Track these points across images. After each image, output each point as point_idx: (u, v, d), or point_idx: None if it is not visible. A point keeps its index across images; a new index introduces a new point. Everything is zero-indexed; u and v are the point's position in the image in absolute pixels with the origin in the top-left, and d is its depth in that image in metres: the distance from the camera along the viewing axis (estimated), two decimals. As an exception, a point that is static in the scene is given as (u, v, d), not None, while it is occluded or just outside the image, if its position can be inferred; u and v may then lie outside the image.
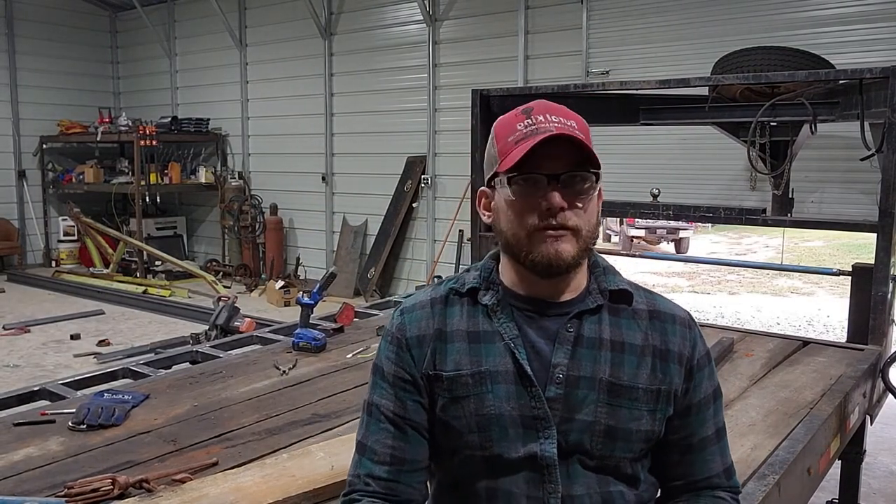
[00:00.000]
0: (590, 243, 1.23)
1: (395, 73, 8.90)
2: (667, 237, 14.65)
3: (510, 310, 1.25)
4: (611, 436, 1.21)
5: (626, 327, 1.26)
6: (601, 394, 1.21)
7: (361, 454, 1.27)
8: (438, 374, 1.24)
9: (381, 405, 1.27)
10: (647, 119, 4.75)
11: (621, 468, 1.24)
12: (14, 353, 6.66)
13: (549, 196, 1.17)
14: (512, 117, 1.24)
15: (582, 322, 1.24)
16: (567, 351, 1.22)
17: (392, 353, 1.28)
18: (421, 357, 1.25)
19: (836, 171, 5.89)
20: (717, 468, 1.30)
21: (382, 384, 1.28)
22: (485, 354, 1.23)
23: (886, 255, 3.27)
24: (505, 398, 1.21)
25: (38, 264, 11.41)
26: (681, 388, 1.26)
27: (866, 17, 5.83)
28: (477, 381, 1.22)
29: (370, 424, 1.28)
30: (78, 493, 1.79)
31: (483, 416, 1.21)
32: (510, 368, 1.21)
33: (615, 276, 1.30)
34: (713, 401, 1.31)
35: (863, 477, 3.44)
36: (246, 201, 10.26)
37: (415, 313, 1.30)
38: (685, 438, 1.29)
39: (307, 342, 3.23)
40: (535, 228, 1.18)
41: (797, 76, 3.57)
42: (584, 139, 1.18)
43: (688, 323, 1.31)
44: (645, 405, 1.22)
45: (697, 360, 1.28)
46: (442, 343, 1.26)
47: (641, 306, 1.28)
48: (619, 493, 1.24)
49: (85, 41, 11.93)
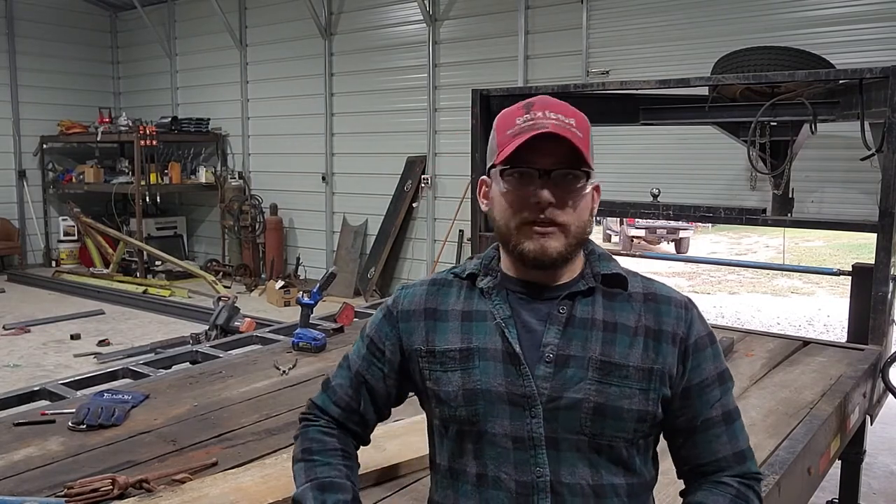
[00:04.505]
0: (580, 240, 1.25)
1: (395, 73, 8.90)
2: (667, 237, 14.66)
3: (505, 293, 1.29)
4: (600, 413, 1.21)
5: (619, 309, 1.27)
6: (591, 371, 1.22)
7: (324, 390, 1.43)
8: (431, 349, 1.30)
9: (352, 360, 1.41)
10: (647, 119, 4.75)
11: (615, 450, 1.23)
12: (14, 353, 6.66)
13: (538, 191, 1.20)
14: (513, 111, 1.27)
15: (574, 303, 1.26)
16: (558, 331, 1.24)
17: (377, 321, 1.39)
18: (411, 331, 1.33)
19: (836, 171, 5.89)
20: (725, 451, 1.29)
21: (360, 343, 1.42)
22: (475, 332, 1.27)
23: (886, 255, 3.27)
24: (492, 374, 1.24)
25: (39, 264, 11.41)
26: (676, 369, 1.26)
27: (866, 17, 5.83)
28: (465, 356, 1.27)
29: (340, 369, 1.43)
30: (78, 493, 1.79)
31: (469, 390, 1.25)
32: (499, 346, 1.25)
33: (609, 262, 1.32)
34: (719, 384, 1.30)
35: (863, 477, 3.45)
36: (246, 201, 10.26)
37: (412, 289, 1.38)
38: (689, 421, 1.29)
39: (307, 342, 3.23)
40: (524, 222, 1.22)
41: (797, 76, 3.57)
42: (580, 138, 1.21)
43: (684, 304, 1.30)
44: (637, 383, 1.22)
45: (695, 340, 1.28)
46: (435, 321, 1.32)
47: (637, 290, 1.30)
48: (610, 487, 1.23)
49: (85, 41, 11.93)
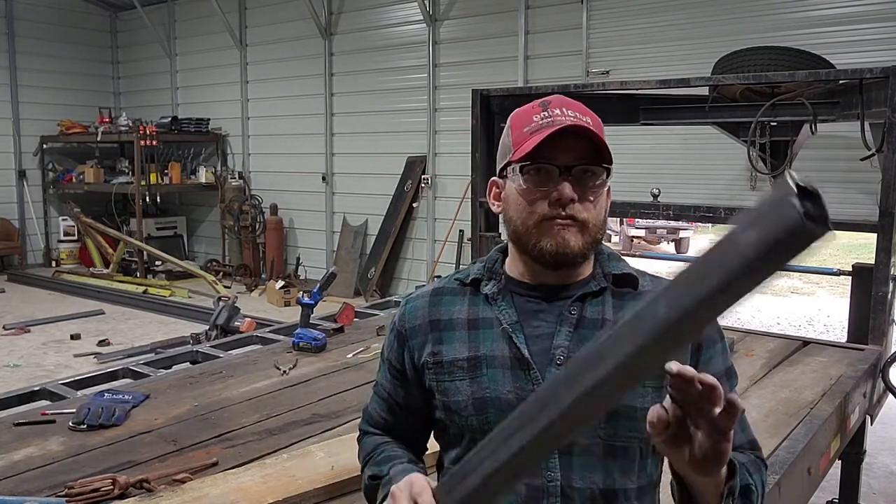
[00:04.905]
0: (597, 237, 1.24)
1: (395, 73, 8.90)
2: (667, 237, 14.65)
3: (511, 297, 1.28)
4: (613, 414, 1.21)
5: (629, 308, 1.24)
6: None
7: (363, 413, 1.45)
8: (439, 360, 1.29)
9: (381, 383, 1.41)
10: (648, 119, 4.75)
11: (630, 451, 1.22)
12: (14, 353, 6.67)
13: (559, 187, 1.19)
14: (529, 109, 1.26)
15: (585, 304, 1.25)
16: (569, 333, 1.23)
17: (390, 343, 1.38)
18: (420, 346, 1.31)
19: (836, 171, 5.89)
20: (740, 441, 1.27)
21: (383, 366, 1.40)
22: (482, 340, 1.26)
23: (886, 255, 3.27)
24: (501, 382, 1.23)
25: (39, 264, 11.41)
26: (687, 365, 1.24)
27: (866, 17, 5.83)
28: (472, 365, 1.26)
29: (373, 396, 1.43)
30: (78, 493, 1.79)
31: (479, 398, 1.24)
32: (507, 353, 1.24)
33: (619, 262, 1.31)
34: (727, 379, 1.28)
35: (863, 477, 3.45)
36: (246, 201, 10.27)
37: (415, 302, 1.36)
38: None
39: (307, 342, 3.23)
40: (545, 217, 1.21)
41: (797, 76, 3.57)
42: (599, 134, 1.20)
43: None
44: (650, 382, 1.21)
45: (707, 336, 1.27)
46: (441, 332, 1.30)
47: (647, 289, 1.28)
48: (622, 491, 1.22)
49: (85, 41, 11.94)
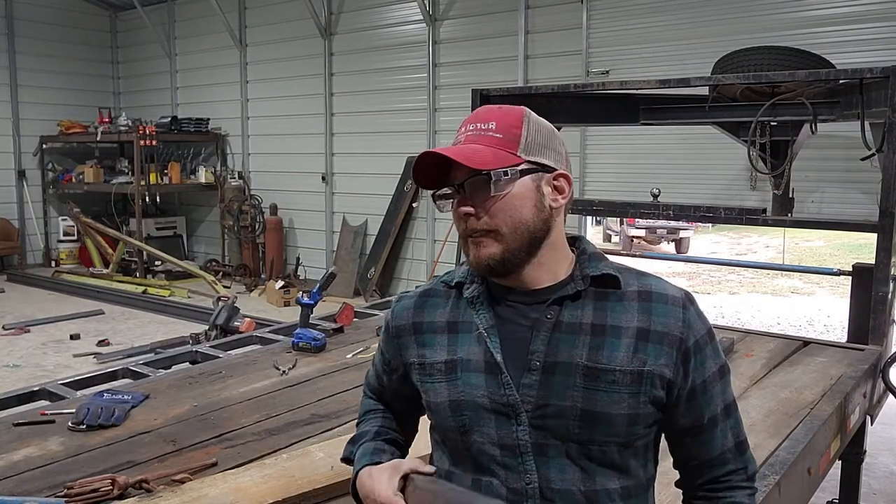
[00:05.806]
0: (525, 240, 1.22)
1: (394, 73, 8.90)
2: (667, 237, 14.67)
3: (490, 301, 1.29)
4: (589, 420, 1.20)
5: (611, 310, 1.24)
6: (578, 378, 1.20)
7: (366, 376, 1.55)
8: (422, 362, 1.32)
9: (375, 362, 1.50)
10: (647, 119, 4.74)
11: (607, 454, 1.22)
12: (14, 353, 6.67)
13: (456, 207, 1.24)
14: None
15: (562, 308, 1.24)
16: (545, 337, 1.23)
17: (383, 337, 1.45)
18: (406, 346, 1.36)
19: (836, 171, 5.89)
20: (729, 444, 1.28)
21: (378, 354, 1.48)
22: (460, 343, 1.28)
23: (887, 255, 3.27)
24: (475, 385, 1.24)
25: (38, 264, 11.41)
26: (675, 371, 1.22)
27: (866, 17, 5.83)
28: (449, 368, 1.28)
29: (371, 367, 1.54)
30: (78, 493, 1.79)
31: (454, 401, 1.26)
32: (481, 357, 1.25)
33: (599, 262, 1.28)
34: (720, 378, 1.28)
35: (863, 477, 3.44)
36: (246, 201, 10.26)
37: (404, 302, 1.40)
38: (695, 420, 1.26)
39: (307, 342, 3.23)
40: (463, 235, 1.26)
41: (797, 76, 3.57)
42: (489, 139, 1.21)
43: (681, 302, 1.26)
44: (625, 388, 1.20)
45: (695, 341, 1.24)
46: (423, 335, 1.34)
47: (632, 288, 1.26)
48: (604, 492, 1.22)
49: (85, 41, 11.93)
